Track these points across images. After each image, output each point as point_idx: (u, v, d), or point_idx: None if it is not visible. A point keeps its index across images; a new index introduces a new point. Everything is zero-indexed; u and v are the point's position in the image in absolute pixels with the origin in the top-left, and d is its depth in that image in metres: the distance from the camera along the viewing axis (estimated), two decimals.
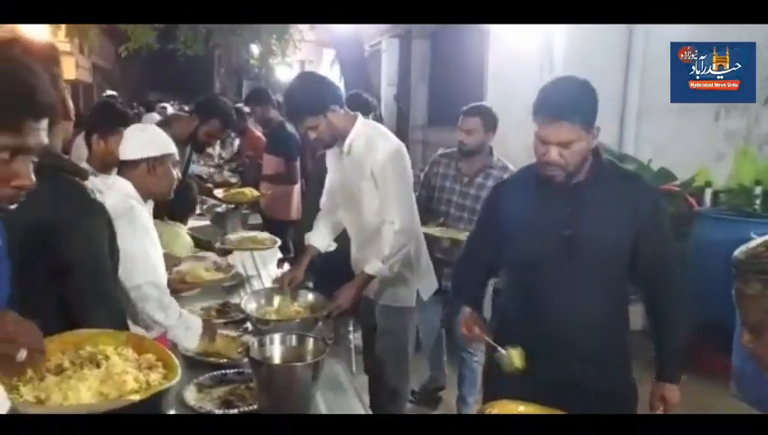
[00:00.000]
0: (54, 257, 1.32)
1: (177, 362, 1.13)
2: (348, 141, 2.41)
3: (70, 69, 17.23)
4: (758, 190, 4.32)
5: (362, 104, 3.37)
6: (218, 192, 4.22)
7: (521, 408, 1.32)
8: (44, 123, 0.97)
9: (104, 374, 1.07)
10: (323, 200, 2.71)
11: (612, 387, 1.80)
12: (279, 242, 3.28)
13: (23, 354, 0.89)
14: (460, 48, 6.94)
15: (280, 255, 3.41)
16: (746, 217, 4.05)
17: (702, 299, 4.05)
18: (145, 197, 2.07)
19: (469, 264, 2.04)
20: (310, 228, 2.72)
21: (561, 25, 4.96)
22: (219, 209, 4.12)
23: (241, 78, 18.35)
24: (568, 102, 1.64)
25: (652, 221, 1.76)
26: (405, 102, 8.45)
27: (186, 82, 20.66)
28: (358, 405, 1.89)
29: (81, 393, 1.04)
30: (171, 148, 2.12)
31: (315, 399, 1.71)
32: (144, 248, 1.95)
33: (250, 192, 4.17)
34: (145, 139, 2.10)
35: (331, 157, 2.60)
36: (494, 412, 1.29)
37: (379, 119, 4.01)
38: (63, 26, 9.04)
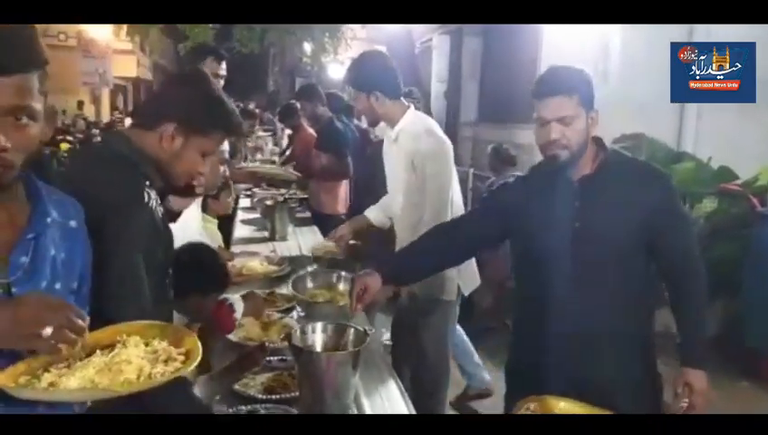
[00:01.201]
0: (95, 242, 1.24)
1: (198, 358, 1.06)
2: (396, 129, 2.48)
3: (131, 67, 17.89)
4: None
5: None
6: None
7: (561, 404, 1.30)
8: None
9: (106, 363, 1.02)
10: (388, 183, 2.75)
11: (634, 382, 1.76)
12: (287, 269, 2.99)
13: (48, 331, 0.89)
14: (512, 46, 6.86)
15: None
16: None
17: (763, 301, 3.90)
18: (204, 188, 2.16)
19: (436, 236, 1.99)
20: None
21: (617, 25, 4.84)
22: (269, 202, 4.19)
23: (294, 76, 18.62)
24: (563, 78, 1.71)
25: (665, 207, 1.73)
26: (455, 99, 8.40)
27: (241, 80, 21.13)
28: (395, 391, 1.90)
29: (71, 381, 0.98)
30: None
31: (356, 387, 1.73)
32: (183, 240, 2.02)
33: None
34: None
35: (385, 146, 2.67)
36: (532, 408, 1.27)
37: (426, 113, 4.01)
38: (125, 26, 9.43)
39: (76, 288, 1.11)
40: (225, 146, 2.20)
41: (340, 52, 10.21)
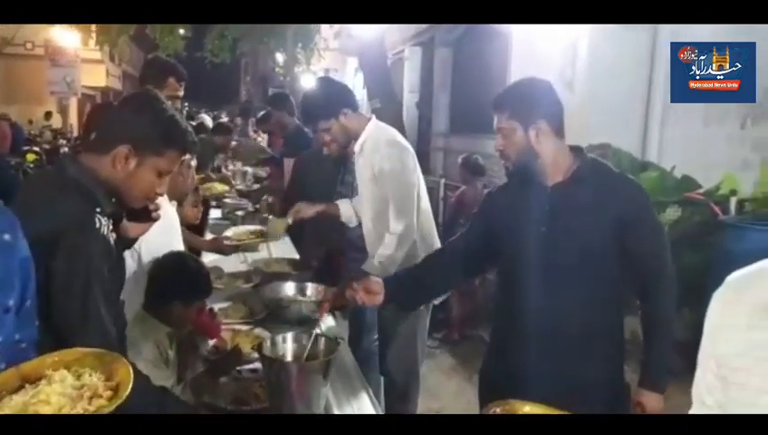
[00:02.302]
0: (45, 269, 1.25)
1: (125, 394, 0.99)
2: (359, 142, 2.51)
3: (100, 77, 17.66)
4: None
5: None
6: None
7: (526, 408, 1.31)
8: None
9: (24, 402, 0.96)
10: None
11: (601, 387, 1.78)
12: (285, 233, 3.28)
13: None
14: (482, 56, 6.95)
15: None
16: None
17: None
18: (171, 197, 2.21)
19: (437, 257, 2.09)
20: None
21: (584, 31, 4.94)
22: (239, 213, 4.17)
23: (266, 86, 18.58)
24: (500, 96, 1.83)
25: (636, 217, 1.75)
26: (427, 110, 8.47)
27: (213, 89, 20.98)
28: (366, 399, 1.91)
29: None
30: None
31: (326, 397, 1.73)
32: (168, 242, 2.09)
33: (221, 187, 4.25)
34: None
35: (356, 160, 2.65)
36: (498, 411, 1.28)
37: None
38: (94, 35, 9.30)
39: (12, 306, 1.06)
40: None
41: (312, 62, 10.22)
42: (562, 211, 1.75)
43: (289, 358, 1.74)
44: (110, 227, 1.40)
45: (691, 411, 1.03)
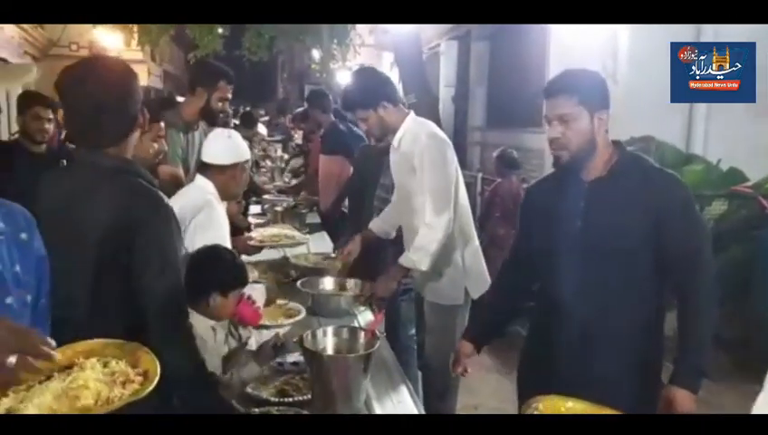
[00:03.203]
0: (127, 257, 1.37)
1: (155, 378, 1.02)
2: (397, 136, 2.52)
3: (142, 76, 18.06)
4: None
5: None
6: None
7: (569, 404, 1.31)
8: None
9: (63, 389, 0.98)
10: (394, 195, 2.81)
11: (636, 383, 1.74)
12: (308, 239, 3.39)
13: (12, 360, 0.87)
14: (520, 50, 6.87)
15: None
16: None
17: None
18: (222, 197, 2.32)
19: (495, 294, 2.14)
20: (356, 225, 2.95)
21: (625, 25, 4.85)
22: (278, 208, 4.22)
23: (303, 83, 18.72)
24: (565, 80, 1.76)
25: (676, 216, 1.70)
26: (463, 104, 8.42)
27: (251, 87, 21.28)
28: (405, 393, 1.93)
29: (29, 408, 0.94)
30: (249, 153, 2.42)
31: (366, 390, 1.75)
32: (219, 239, 2.15)
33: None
34: (233, 145, 2.34)
35: (391, 156, 2.68)
36: (540, 407, 1.28)
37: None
38: (136, 35, 9.52)
39: (29, 301, 1.08)
40: (245, 155, 2.37)
41: (348, 58, 10.25)
42: (600, 206, 1.73)
43: (330, 351, 1.77)
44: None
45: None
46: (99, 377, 1.01)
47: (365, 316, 2.57)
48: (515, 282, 2.03)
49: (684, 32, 4.70)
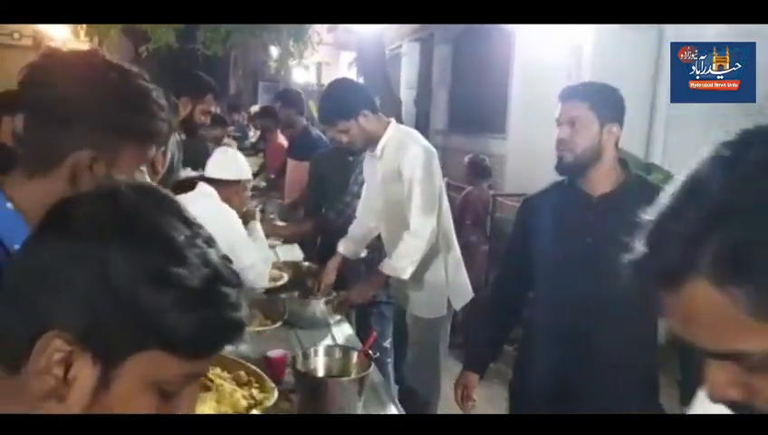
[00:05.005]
0: None
1: (263, 374, 1.18)
2: (380, 145, 2.46)
3: None
4: None
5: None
6: None
7: None
8: None
9: (218, 396, 1.12)
10: (359, 209, 2.74)
11: (635, 401, 1.76)
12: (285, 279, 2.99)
13: None
14: (483, 54, 6.90)
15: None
16: None
17: None
18: None
19: (493, 310, 2.10)
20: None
21: (590, 32, 4.91)
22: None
23: (257, 79, 18.40)
24: (581, 87, 1.84)
25: None
26: (425, 106, 8.42)
27: None
28: (395, 412, 1.86)
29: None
30: (250, 172, 2.57)
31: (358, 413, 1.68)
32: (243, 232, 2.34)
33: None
34: (238, 162, 2.49)
35: (367, 165, 2.62)
36: None
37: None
38: (85, 26, 9.13)
39: None
40: (249, 175, 2.52)
41: (306, 56, 10.12)
42: (609, 222, 1.72)
43: (320, 372, 1.70)
44: None
45: None
46: (234, 386, 1.20)
47: (342, 329, 2.50)
48: (513, 295, 2.00)
49: (647, 38, 4.82)
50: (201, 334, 0.58)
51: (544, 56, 5.28)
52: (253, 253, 2.30)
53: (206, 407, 1.11)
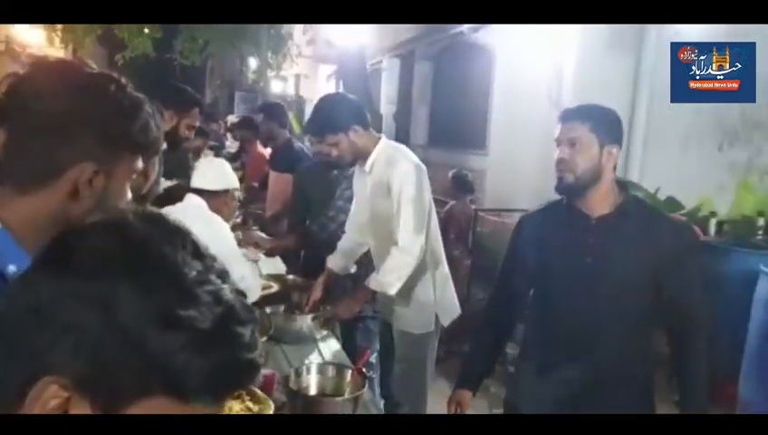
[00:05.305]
0: None
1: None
2: (370, 161, 2.45)
3: None
4: (761, 221, 4.35)
5: None
6: None
7: None
8: None
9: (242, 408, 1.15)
10: (347, 225, 2.73)
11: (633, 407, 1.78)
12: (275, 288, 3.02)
13: None
14: (464, 72, 6.96)
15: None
16: (753, 249, 4.07)
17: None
18: None
19: (488, 328, 2.08)
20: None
21: (571, 50, 5.00)
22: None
23: (233, 90, 18.27)
24: (582, 108, 1.82)
25: (675, 261, 1.75)
26: (405, 122, 8.45)
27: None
28: None
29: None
30: (237, 182, 2.56)
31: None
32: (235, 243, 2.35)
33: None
34: (226, 171, 2.48)
35: (357, 179, 2.60)
36: None
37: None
38: (59, 33, 8.98)
39: None
40: (237, 184, 2.50)
41: (284, 68, 10.09)
42: (608, 244, 1.73)
43: (313, 391, 1.67)
44: None
45: None
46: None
47: (329, 345, 2.48)
48: (507, 314, 2.00)
49: (627, 58, 4.92)
50: (211, 378, 0.54)
51: (525, 74, 5.34)
52: (244, 266, 2.27)
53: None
